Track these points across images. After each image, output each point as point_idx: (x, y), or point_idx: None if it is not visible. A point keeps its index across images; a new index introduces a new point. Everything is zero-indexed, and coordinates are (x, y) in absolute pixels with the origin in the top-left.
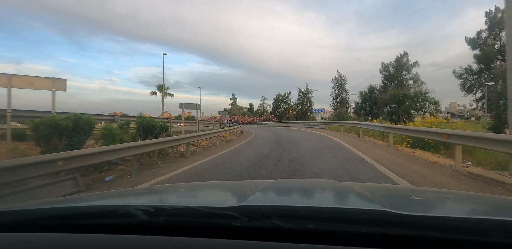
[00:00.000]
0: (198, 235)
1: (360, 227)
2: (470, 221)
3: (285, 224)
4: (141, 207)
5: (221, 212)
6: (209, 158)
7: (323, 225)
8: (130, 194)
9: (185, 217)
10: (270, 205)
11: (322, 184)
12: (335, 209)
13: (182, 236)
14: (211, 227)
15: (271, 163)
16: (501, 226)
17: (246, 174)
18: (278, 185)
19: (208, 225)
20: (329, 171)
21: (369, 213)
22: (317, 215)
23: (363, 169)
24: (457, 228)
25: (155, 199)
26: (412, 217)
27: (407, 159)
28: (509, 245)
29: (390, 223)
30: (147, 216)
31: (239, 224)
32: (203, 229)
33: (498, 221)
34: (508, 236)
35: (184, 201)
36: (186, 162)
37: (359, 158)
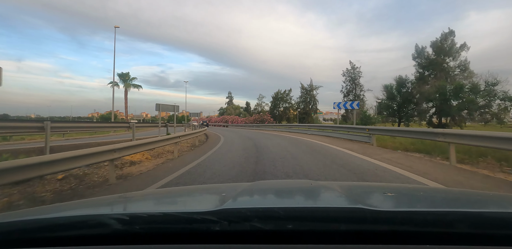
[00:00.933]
0: (177, 241)
1: (338, 225)
2: (436, 214)
3: (264, 226)
4: (115, 216)
5: (200, 216)
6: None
7: (302, 224)
8: (102, 203)
9: (163, 224)
10: (249, 207)
11: (300, 184)
12: (312, 208)
13: (160, 244)
14: (190, 232)
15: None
16: (465, 218)
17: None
18: (257, 187)
19: (187, 231)
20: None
21: (345, 211)
22: (296, 215)
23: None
24: (425, 221)
25: (130, 207)
26: (385, 212)
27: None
28: (473, 235)
29: (365, 219)
30: (122, 225)
31: (219, 228)
32: (182, 235)
33: (462, 212)
34: (472, 226)
35: (161, 207)
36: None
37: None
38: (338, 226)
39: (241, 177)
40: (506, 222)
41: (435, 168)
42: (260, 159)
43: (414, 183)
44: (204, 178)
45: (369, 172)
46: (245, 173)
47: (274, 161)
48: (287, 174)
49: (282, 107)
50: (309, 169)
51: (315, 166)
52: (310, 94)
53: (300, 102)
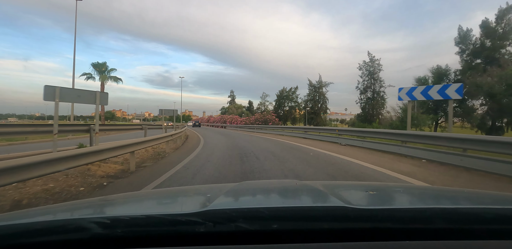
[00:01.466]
0: (161, 244)
1: (321, 224)
2: (415, 210)
3: (250, 226)
4: (95, 219)
5: (185, 218)
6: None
7: (287, 224)
8: (81, 206)
9: (146, 227)
10: (234, 208)
11: (285, 184)
12: (297, 208)
13: (143, 247)
14: (175, 235)
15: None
16: (442, 214)
17: None
18: (242, 187)
19: (171, 233)
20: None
21: (328, 210)
22: (280, 215)
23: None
24: (405, 217)
25: (111, 210)
26: (367, 210)
27: None
28: (449, 230)
29: (348, 217)
30: (102, 229)
31: (204, 229)
32: (166, 238)
33: (439, 209)
34: (448, 222)
35: (144, 210)
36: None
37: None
38: (322, 224)
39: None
40: (479, 216)
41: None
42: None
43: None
44: None
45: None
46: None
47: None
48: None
49: (287, 107)
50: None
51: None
52: (319, 92)
53: (308, 100)
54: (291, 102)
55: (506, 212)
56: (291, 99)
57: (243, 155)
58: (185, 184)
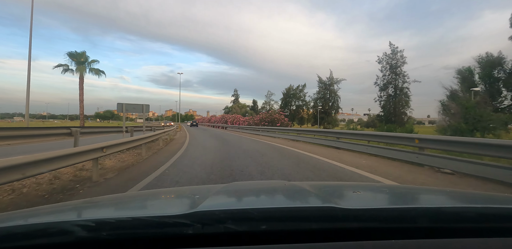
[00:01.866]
0: (147, 247)
1: (310, 224)
2: (401, 210)
3: (238, 227)
4: (79, 222)
5: (172, 220)
6: None
7: (276, 225)
8: (65, 209)
9: (132, 229)
10: (223, 209)
11: (274, 185)
12: (285, 208)
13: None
14: (162, 237)
15: None
16: (426, 213)
17: None
18: (231, 188)
19: (159, 236)
20: None
21: (317, 210)
22: (269, 215)
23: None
24: (391, 217)
25: (96, 212)
26: (354, 210)
27: None
28: (432, 229)
29: (336, 217)
30: (87, 232)
31: (192, 231)
32: (154, 240)
33: (423, 208)
34: (432, 221)
35: (131, 212)
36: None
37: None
38: (310, 225)
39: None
40: (461, 215)
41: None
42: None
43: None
44: None
45: None
46: None
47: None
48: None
49: (294, 106)
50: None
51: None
52: (330, 89)
53: (318, 99)
54: (298, 101)
55: (486, 210)
56: (298, 98)
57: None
58: None
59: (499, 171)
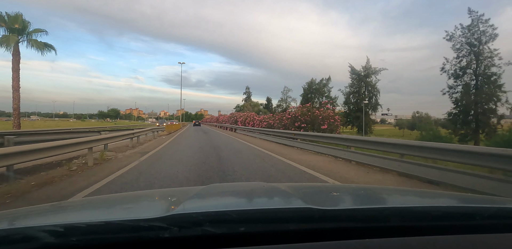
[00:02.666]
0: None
1: (288, 225)
2: (375, 210)
3: (217, 230)
4: (46, 227)
5: (148, 224)
6: None
7: (254, 226)
8: (30, 214)
9: (105, 234)
10: (200, 211)
11: (252, 187)
12: (263, 210)
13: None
14: (137, 241)
15: None
16: (398, 212)
17: None
18: (209, 190)
19: (133, 240)
20: None
21: (294, 211)
22: (247, 217)
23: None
24: (365, 217)
25: (65, 216)
26: (331, 211)
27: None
28: (404, 228)
29: (313, 218)
30: (55, 238)
31: (168, 235)
32: (128, 245)
33: (396, 208)
34: (403, 220)
35: (103, 216)
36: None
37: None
38: (289, 226)
39: None
40: (429, 214)
41: None
42: None
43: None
44: None
45: None
46: None
47: None
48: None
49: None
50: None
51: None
52: (366, 82)
53: (352, 93)
54: (322, 98)
55: (451, 209)
56: (322, 94)
57: None
58: None
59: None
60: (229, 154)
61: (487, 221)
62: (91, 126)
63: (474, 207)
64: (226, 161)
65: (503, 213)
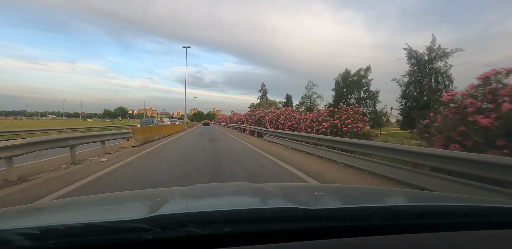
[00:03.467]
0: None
1: (273, 225)
2: (356, 209)
3: (201, 231)
4: (21, 230)
5: (130, 225)
6: None
7: (240, 226)
8: (4, 216)
9: (84, 236)
10: (185, 212)
11: (237, 187)
12: (249, 210)
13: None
14: (118, 243)
15: None
16: (379, 212)
17: None
18: (193, 191)
19: (114, 242)
20: None
21: (279, 211)
22: (232, 217)
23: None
24: (348, 216)
25: (41, 219)
26: (315, 210)
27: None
28: (385, 226)
29: (298, 217)
30: (30, 241)
31: (151, 236)
32: (109, 247)
33: (376, 207)
34: (384, 219)
35: (83, 217)
36: None
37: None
38: (274, 226)
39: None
40: (408, 213)
41: None
42: None
43: None
44: None
45: None
46: None
47: None
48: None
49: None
50: None
51: None
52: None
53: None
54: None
55: (429, 208)
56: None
57: None
58: None
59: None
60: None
61: (463, 219)
62: (77, 126)
63: (449, 206)
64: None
65: (477, 211)
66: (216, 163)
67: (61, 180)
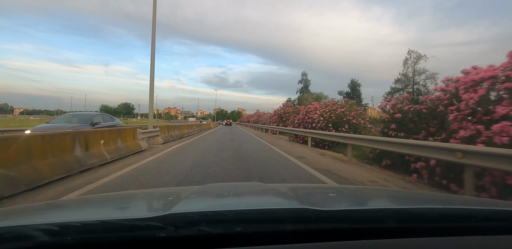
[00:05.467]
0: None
1: (285, 225)
2: (369, 211)
3: (213, 230)
4: (40, 226)
5: (143, 223)
6: None
7: (251, 226)
8: (24, 212)
9: (100, 233)
10: (197, 211)
11: (249, 187)
12: (261, 210)
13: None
14: (133, 241)
15: None
16: (393, 214)
17: None
18: (205, 190)
19: (129, 239)
20: None
21: (291, 211)
22: (244, 217)
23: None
24: (361, 218)
25: (60, 215)
26: (327, 212)
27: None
28: (400, 229)
29: (310, 219)
30: (49, 237)
31: (164, 234)
32: (123, 244)
33: (391, 209)
34: (399, 221)
35: (99, 214)
36: None
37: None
38: (285, 226)
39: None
40: (425, 216)
41: None
42: None
43: None
44: None
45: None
46: None
47: None
48: None
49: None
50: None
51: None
52: None
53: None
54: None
55: (447, 211)
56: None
57: None
58: None
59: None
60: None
61: (482, 223)
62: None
63: (469, 209)
64: None
65: (497, 215)
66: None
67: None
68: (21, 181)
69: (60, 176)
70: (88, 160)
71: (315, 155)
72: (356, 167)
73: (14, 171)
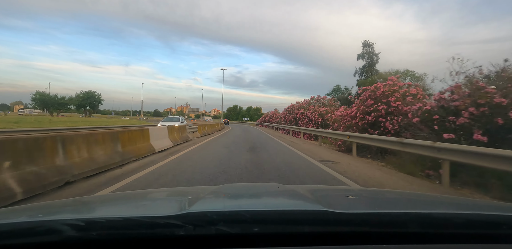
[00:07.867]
0: (137, 247)
1: (302, 227)
2: (392, 215)
3: (231, 230)
4: (68, 221)
5: (164, 221)
6: None
7: (268, 227)
8: (53, 208)
9: (123, 229)
10: (215, 211)
11: (267, 188)
12: (278, 211)
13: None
14: (153, 238)
15: None
16: (417, 218)
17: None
18: (223, 190)
19: (149, 236)
20: None
21: (309, 213)
22: (262, 218)
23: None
24: (382, 221)
25: (86, 211)
26: (346, 214)
27: None
28: (423, 234)
29: (328, 221)
30: (76, 231)
31: (183, 232)
32: (144, 241)
33: (414, 214)
34: (422, 226)
35: (122, 212)
36: None
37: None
38: (303, 228)
39: None
40: (451, 221)
41: None
42: None
43: None
44: None
45: None
46: None
47: None
48: None
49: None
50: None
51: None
52: None
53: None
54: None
55: (474, 217)
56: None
57: None
58: None
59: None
60: None
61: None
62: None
63: (500, 216)
64: None
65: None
66: None
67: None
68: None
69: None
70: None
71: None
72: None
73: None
